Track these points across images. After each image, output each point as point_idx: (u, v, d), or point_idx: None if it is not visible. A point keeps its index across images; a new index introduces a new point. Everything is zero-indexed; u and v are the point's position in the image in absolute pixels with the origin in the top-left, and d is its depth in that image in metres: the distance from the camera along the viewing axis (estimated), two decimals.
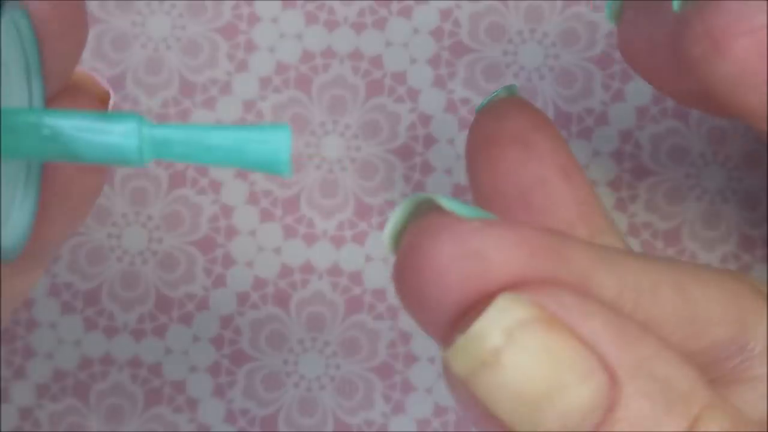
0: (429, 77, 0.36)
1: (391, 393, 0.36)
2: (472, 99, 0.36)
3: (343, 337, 0.36)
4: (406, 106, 0.36)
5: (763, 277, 0.36)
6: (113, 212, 0.36)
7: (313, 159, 0.36)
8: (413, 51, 0.36)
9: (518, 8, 0.36)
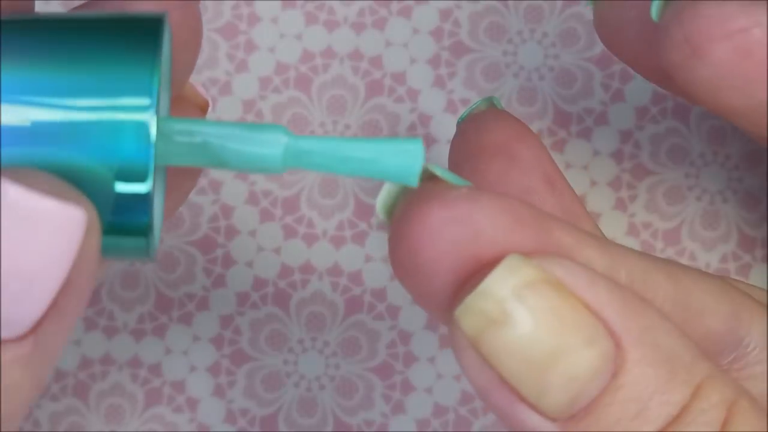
0: (429, 77, 0.36)
1: (390, 393, 0.36)
2: (472, 99, 0.36)
3: (342, 337, 0.36)
4: (406, 106, 0.36)
5: (763, 277, 0.36)
6: None
7: None
8: (413, 51, 0.36)
9: (518, 8, 0.36)
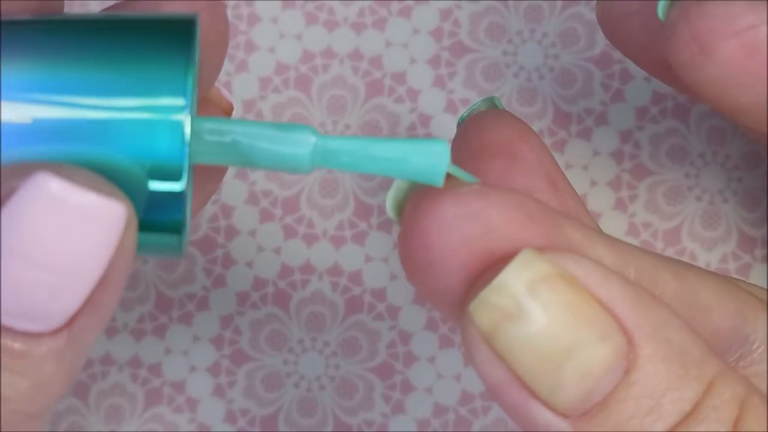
0: (429, 77, 0.36)
1: (390, 393, 0.36)
2: (472, 99, 0.36)
3: (342, 337, 0.36)
4: (406, 106, 0.36)
5: (763, 277, 0.36)
6: None
7: None
8: (413, 51, 0.36)
9: (518, 8, 0.36)
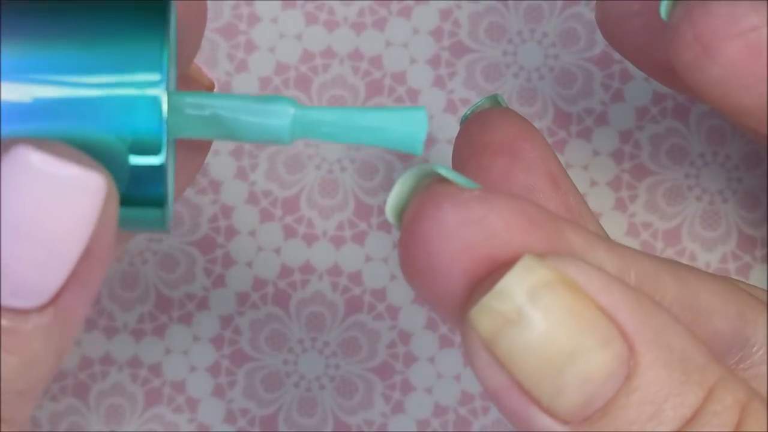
0: (429, 77, 0.36)
1: (390, 393, 0.36)
2: (472, 99, 0.36)
3: (342, 337, 0.36)
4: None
5: (763, 277, 0.36)
6: None
7: (313, 159, 0.36)
8: (413, 51, 0.36)
9: (518, 8, 0.36)
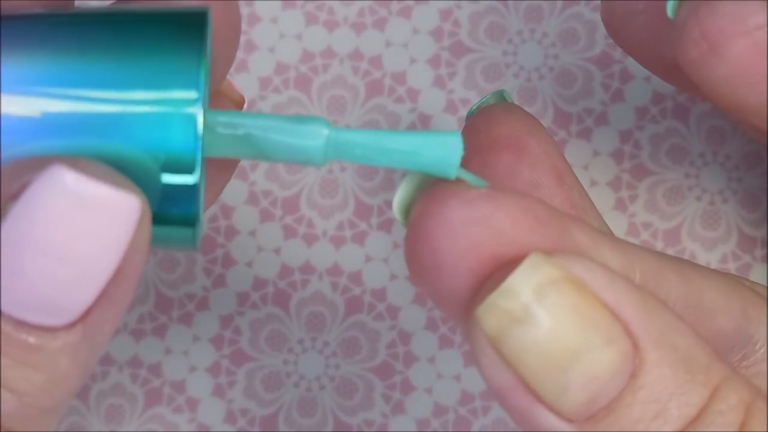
0: (429, 77, 0.36)
1: (391, 393, 0.36)
2: (472, 99, 0.36)
3: (342, 337, 0.36)
4: (406, 106, 0.36)
5: (763, 277, 0.36)
6: None
7: None
8: (413, 51, 0.36)
9: (518, 8, 0.36)
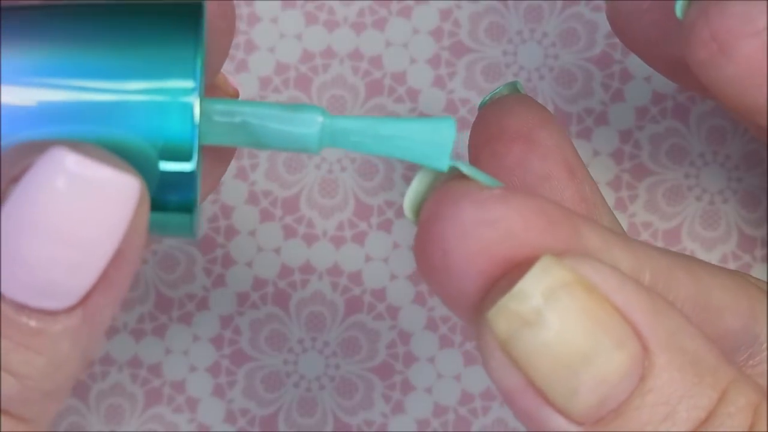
0: (429, 77, 0.36)
1: (390, 393, 0.36)
2: (472, 99, 0.36)
3: (342, 337, 0.36)
4: (406, 106, 0.36)
5: (762, 278, 0.36)
6: None
7: (313, 159, 0.36)
8: (413, 51, 0.36)
9: (518, 8, 0.36)
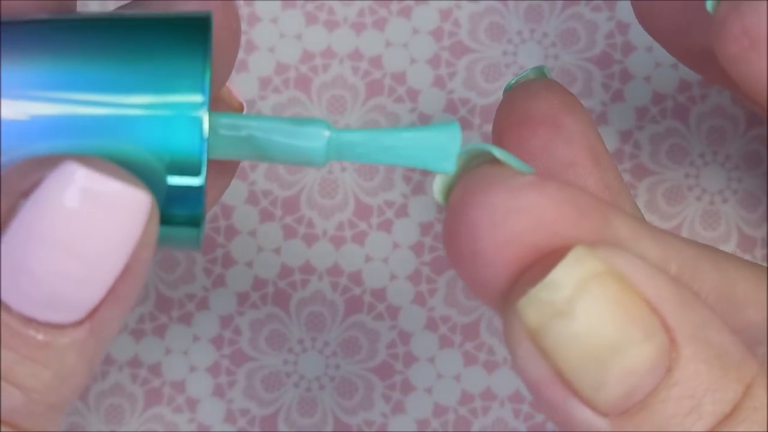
0: (429, 77, 0.36)
1: (390, 393, 0.36)
2: (472, 99, 0.36)
3: (342, 337, 0.36)
4: (406, 106, 0.36)
5: None
6: None
7: None
8: (413, 51, 0.36)
9: (518, 8, 0.36)
